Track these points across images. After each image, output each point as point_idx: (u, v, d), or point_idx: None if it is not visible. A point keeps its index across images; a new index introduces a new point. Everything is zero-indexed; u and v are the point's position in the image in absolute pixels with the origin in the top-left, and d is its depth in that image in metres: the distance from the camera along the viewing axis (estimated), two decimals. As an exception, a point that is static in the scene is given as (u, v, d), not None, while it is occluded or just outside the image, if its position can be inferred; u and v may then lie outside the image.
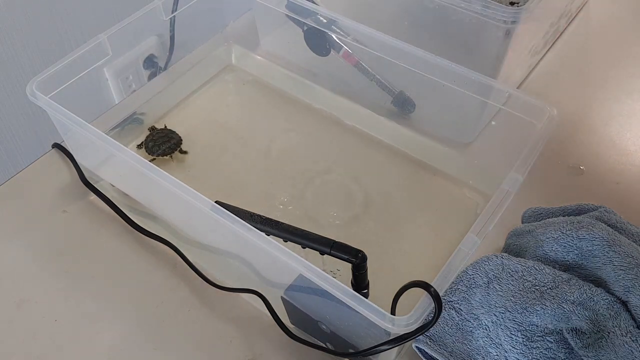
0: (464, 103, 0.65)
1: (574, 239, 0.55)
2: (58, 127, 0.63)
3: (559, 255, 0.55)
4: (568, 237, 0.55)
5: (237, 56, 0.82)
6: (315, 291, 0.48)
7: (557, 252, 0.55)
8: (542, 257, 0.56)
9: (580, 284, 0.51)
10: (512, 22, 0.62)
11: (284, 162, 0.70)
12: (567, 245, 0.55)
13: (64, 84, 0.60)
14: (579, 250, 0.55)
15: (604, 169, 0.70)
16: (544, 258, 0.56)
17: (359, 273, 0.46)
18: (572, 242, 0.55)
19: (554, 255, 0.55)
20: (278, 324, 0.53)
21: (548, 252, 0.56)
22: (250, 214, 0.50)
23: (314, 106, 0.76)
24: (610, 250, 0.53)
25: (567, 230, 0.55)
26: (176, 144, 0.69)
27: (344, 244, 0.46)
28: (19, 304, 0.57)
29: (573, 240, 0.55)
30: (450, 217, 0.64)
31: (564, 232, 0.55)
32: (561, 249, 0.55)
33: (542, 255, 0.56)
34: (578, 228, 0.55)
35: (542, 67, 0.84)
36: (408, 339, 0.43)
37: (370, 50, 0.67)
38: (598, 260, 0.54)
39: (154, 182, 0.51)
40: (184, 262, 0.59)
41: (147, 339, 0.55)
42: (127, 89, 0.83)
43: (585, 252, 0.54)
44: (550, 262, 0.56)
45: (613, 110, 0.78)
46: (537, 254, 0.56)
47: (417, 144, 0.71)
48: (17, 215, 0.64)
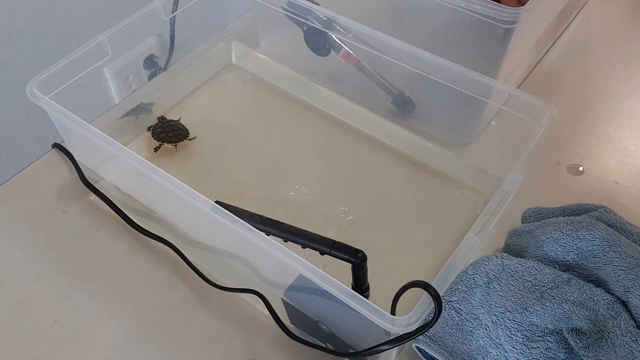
0: (464, 103, 0.65)
1: (574, 239, 0.55)
2: (58, 127, 0.63)
3: (559, 255, 0.55)
4: (568, 237, 0.55)
5: (237, 56, 0.82)
6: (315, 291, 0.48)
7: (557, 252, 0.55)
8: (542, 257, 0.56)
9: (580, 284, 0.51)
10: (512, 22, 0.62)
11: (284, 161, 0.70)
12: (567, 245, 0.55)
13: (64, 84, 0.60)
14: (579, 251, 0.55)
15: (604, 169, 0.70)
16: (544, 258, 0.56)
17: (359, 273, 0.46)
18: (572, 242, 0.55)
19: (554, 255, 0.56)
20: (278, 324, 0.53)
21: (548, 252, 0.56)
22: (250, 214, 0.50)
23: (314, 106, 0.76)
24: (611, 251, 0.53)
25: (567, 231, 0.55)
26: (184, 135, 0.70)
27: (344, 244, 0.46)
28: (19, 304, 0.57)
29: (573, 241, 0.55)
30: (450, 217, 0.64)
31: (564, 232, 0.55)
32: (561, 249, 0.55)
33: (542, 256, 0.56)
34: (578, 228, 0.55)
35: (542, 67, 0.84)
36: (408, 339, 0.43)
37: (370, 50, 0.67)
38: (598, 261, 0.54)
39: (154, 181, 0.51)
40: (184, 262, 0.59)
41: (147, 338, 0.55)
42: (127, 89, 0.83)
43: (585, 252, 0.54)
44: (550, 262, 0.56)
45: (613, 110, 0.78)
46: (537, 254, 0.56)
47: (417, 144, 0.71)
48: (17, 215, 0.64)
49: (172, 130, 0.70)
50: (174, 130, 0.70)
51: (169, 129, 0.70)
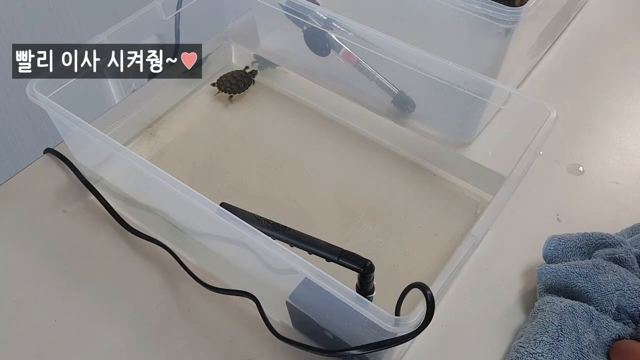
0: (464, 103, 0.65)
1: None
2: (58, 127, 0.63)
3: (628, 308, 0.54)
4: (634, 291, 0.53)
5: (237, 56, 0.82)
6: (320, 294, 0.48)
7: (624, 303, 0.54)
8: (609, 310, 0.54)
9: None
10: (512, 22, 0.62)
11: (284, 161, 0.70)
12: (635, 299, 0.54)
13: (64, 84, 0.60)
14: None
15: (604, 169, 0.70)
16: (618, 311, 0.54)
17: (365, 282, 0.46)
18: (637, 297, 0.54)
19: (625, 307, 0.54)
20: (268, 327, 0.53)
21: (619, 303, 0.54)
22: (257, 218, 0.49)
23: (314, 106, 0.76)
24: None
25: (632, 284, 0.54)
26: (247, 82, 0.77)
27: (352, 253, 0.46)
28: (19, 304, 0.57)
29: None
30: (450, 217, 0.64)
31: (630, 285, 0.54)
32: (628, 302, 0.54)
33: (609, 309, 0.54)
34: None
35: (542, 67, 0.84)
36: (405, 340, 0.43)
37: (370, 50, 0.67)
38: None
39: (155, 182, 0.51)
40: (179, 264, 0.59)
41: (147, 338, 0.55)
42: (127, 89, 0.83)
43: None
44: (620, 312, 0.54)
45: (613, 110, 0.78)
46: (606, 308, 0.54)
47: (417, 144, 0.71)
48: (17, 215, 0.64)
49: (237, 81, 0.76)
50: (239, 80, 0.76)
51: (233, 80, 0.76)
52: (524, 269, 0.60)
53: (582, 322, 0.51)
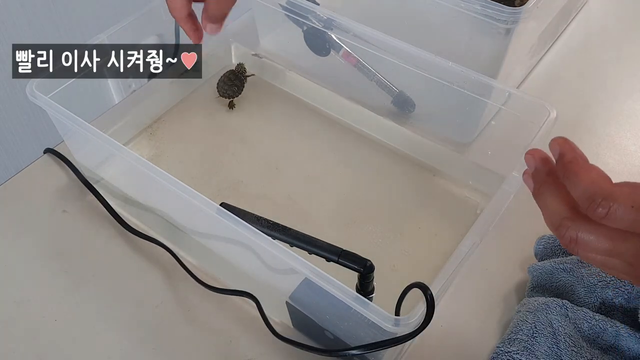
0: (464, 103, 0.65)
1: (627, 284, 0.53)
2: (58, 127, 0.63)
3: (616, 301, 0.53)
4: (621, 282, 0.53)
5: (237, 56, 0.82)
6: (320, 295, 0.48)
7: (609, 296, 0.53)
8: (594, 305, 0.54)
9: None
10: (512, 22, 0.62)
11: (283, 161, 0.70)
12: (623, 288, 0.53)
13: (64, 84, 0.60)
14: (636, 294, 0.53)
15: (604, 169, 0.70)
16: (598, 305, 0.54)
17: (365, 282, 0.46)
18: (628, 286, 0.53)
19: (609, 301, 0.54)
20: (268, 327, 0.53)
21: (603, 297, 0.54)
22: (257, 218, 0.49)
23: (314, 106, 0.76)
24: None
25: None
26: (241, 83, 0.75)
27: (352, 253, 0.46)
28: (19, 304, 0.57)
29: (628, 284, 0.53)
30: (450, 217, 0.64)
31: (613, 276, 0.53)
32: (612, 293, 0.53)
33: (593, 302, 0.54)
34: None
35: (542, 67, 0.84)
36: (405, 340, 0.43)
37: (370, 50, 0.67)
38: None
39: (155, 182, 0.51)
40: (179, 264, 0.59)
41: (147, 338, 0.55)
42: (127, 89, 0.83)
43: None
44: (606, 307, 0.54)
45: (613, 110, 0.78)
46: (589, 300, 0.54)
47: (417, 144, 0.71)
48: (17, 215, 0.64)
49: (231, 85, 0.75)
50: (232, 83, 0.75)
51: (229, 83, 0.75)
52: (524, 269, 0.60)
53: (557, 317, 0.52)
